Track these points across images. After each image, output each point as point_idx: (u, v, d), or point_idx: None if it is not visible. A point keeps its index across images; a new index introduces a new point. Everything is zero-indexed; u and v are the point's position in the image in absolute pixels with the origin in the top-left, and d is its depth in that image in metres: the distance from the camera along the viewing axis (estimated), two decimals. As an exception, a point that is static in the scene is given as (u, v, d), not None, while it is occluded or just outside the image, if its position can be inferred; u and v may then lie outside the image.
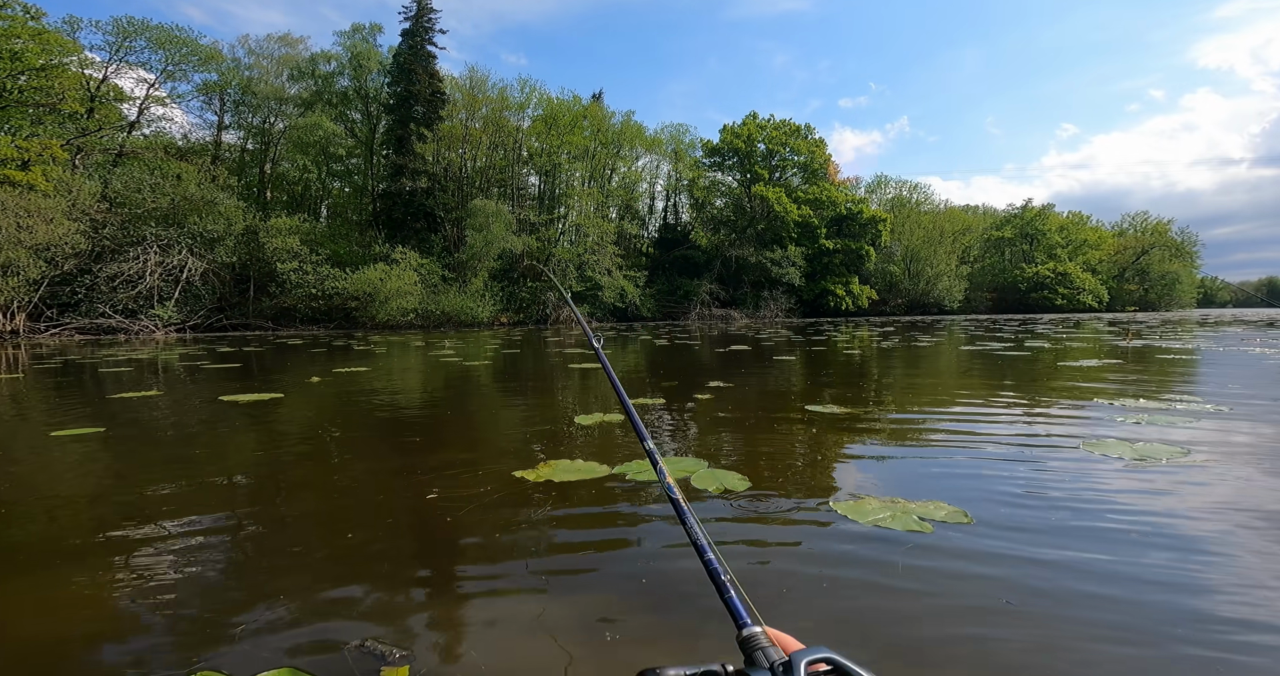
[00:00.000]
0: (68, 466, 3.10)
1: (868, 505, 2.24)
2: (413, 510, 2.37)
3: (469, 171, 37.58)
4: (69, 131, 25.01)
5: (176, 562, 1.90)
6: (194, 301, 25.63)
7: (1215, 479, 2.61)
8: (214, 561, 1.90)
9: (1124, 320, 29.63)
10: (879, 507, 2.21)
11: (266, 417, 4.52)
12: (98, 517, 2.35)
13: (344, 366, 8.63)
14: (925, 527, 2.02)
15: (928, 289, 56.64)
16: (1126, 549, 1.89)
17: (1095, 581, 1.67)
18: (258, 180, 35.38)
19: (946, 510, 2.18)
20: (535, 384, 6.68)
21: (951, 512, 2.15)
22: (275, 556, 1.95)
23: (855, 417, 4.18)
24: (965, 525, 2.06)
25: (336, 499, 2.54)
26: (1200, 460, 2.89)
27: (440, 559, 1.92)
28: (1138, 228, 76.02)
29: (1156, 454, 2.98)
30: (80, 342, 17.46)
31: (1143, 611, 1.52)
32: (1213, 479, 2.61)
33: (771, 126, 48.58)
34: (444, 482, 2.69)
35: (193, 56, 30.84)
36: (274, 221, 28.45)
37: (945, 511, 2.17)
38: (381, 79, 36.18)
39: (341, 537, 2.11)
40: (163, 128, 31.51)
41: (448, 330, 26.32)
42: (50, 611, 1.62)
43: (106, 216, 24.31)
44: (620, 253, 39.17)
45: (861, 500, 2.31)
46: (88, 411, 4.84)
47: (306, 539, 2.09)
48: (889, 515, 2.13)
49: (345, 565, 1.89)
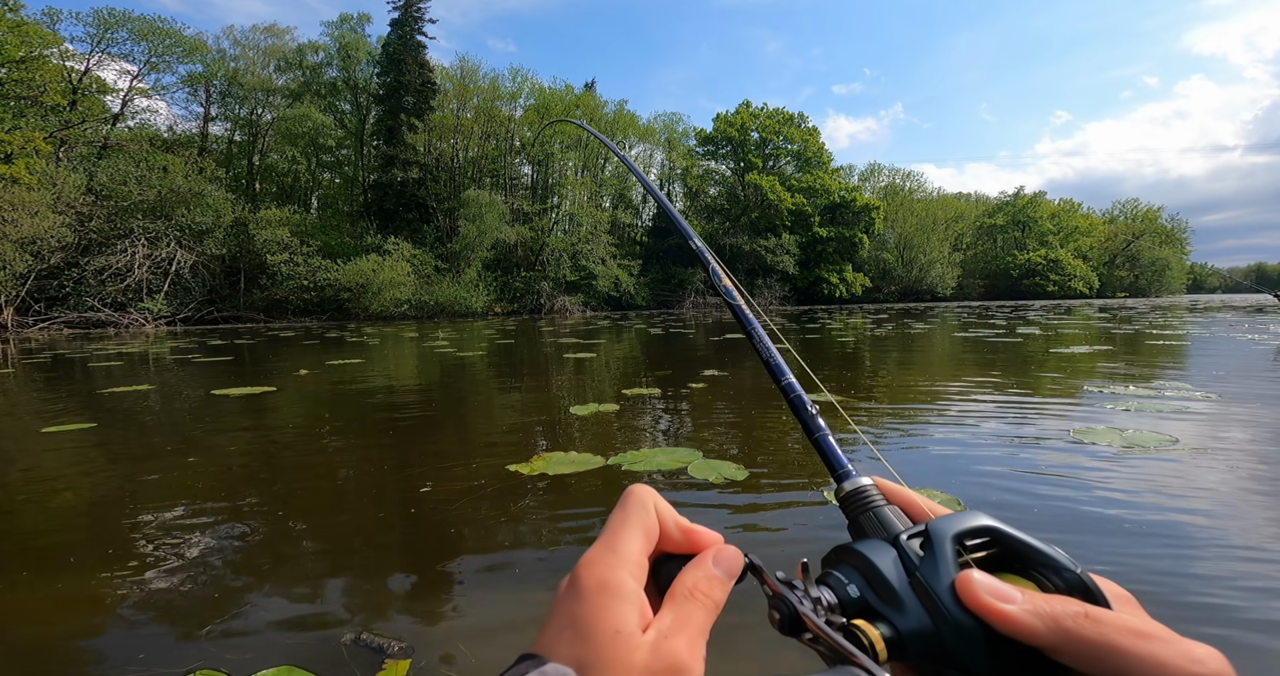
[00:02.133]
0: (60, 463, 3.07)
1: (861, 494, 2.25)
2: (407, 503, 2.37)
3: (461, 162, 37.28)
4: (52, 124, 24.60)
5: (172, 560, 1.89)
6: (184, 294, 25.42)
7: (1204, 466, 2.64)
8: (210, 558, 1.90)
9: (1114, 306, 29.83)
10: (872, 496, 2.22)
11: (259, 412, 4.49)
12: (91, 515, 2.34)
13: (337, 359, 8.58)
14: (918, 515, 2.04)
15: (921, 276, 56.83)
16: (1117, 538, 1.91)
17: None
18: (246, 172, 34.97)
19: (940, 498, 2.20)
20: (530, 374, 6.68)
21: (945, 501, 2.17)
22: (271, 553, 1.94)
23: (849, 406, 4.20)
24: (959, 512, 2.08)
25: (330, 494, 2.54)
26: (1189, 448, 2.92)
27: (435, 553, 1.92)
28: (1128, 214, 76.42)
29: (1145, 441, 3.01)
30: (69, 337, 17.29)
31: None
32: (1202, 466, 2.64)
33: (765, 115, 48.36)
34: (438, 476, 2.69)
35: (176, 48, 30.34)
36: (263, 213, 28.18)
37: (939, 499, 2.18)
38: (371, 69, 35.73)
39: (336, 532, 2.11)
40: (147, 120, 31.06)
41: (441, 321, 26.22)
42: (46, 611, 1.61)
43: (92, 209, 24.01)
44: (614, 242, 39.07)
45: (855, 489, 2.32)
46: (79, 406, 4.80)
47: (301, 534, 2.09)
48: (882, 503, 2.15)
49: (341, 560, 1.89)
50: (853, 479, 0.43)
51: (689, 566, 0.34)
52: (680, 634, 0.30)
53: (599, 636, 0.29)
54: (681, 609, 0.31)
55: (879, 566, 0.34)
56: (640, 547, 0.34)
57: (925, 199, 63.94)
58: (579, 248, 36.30)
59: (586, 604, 0.30)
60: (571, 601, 0.31)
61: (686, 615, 0.31)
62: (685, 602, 0.32)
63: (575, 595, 0.31)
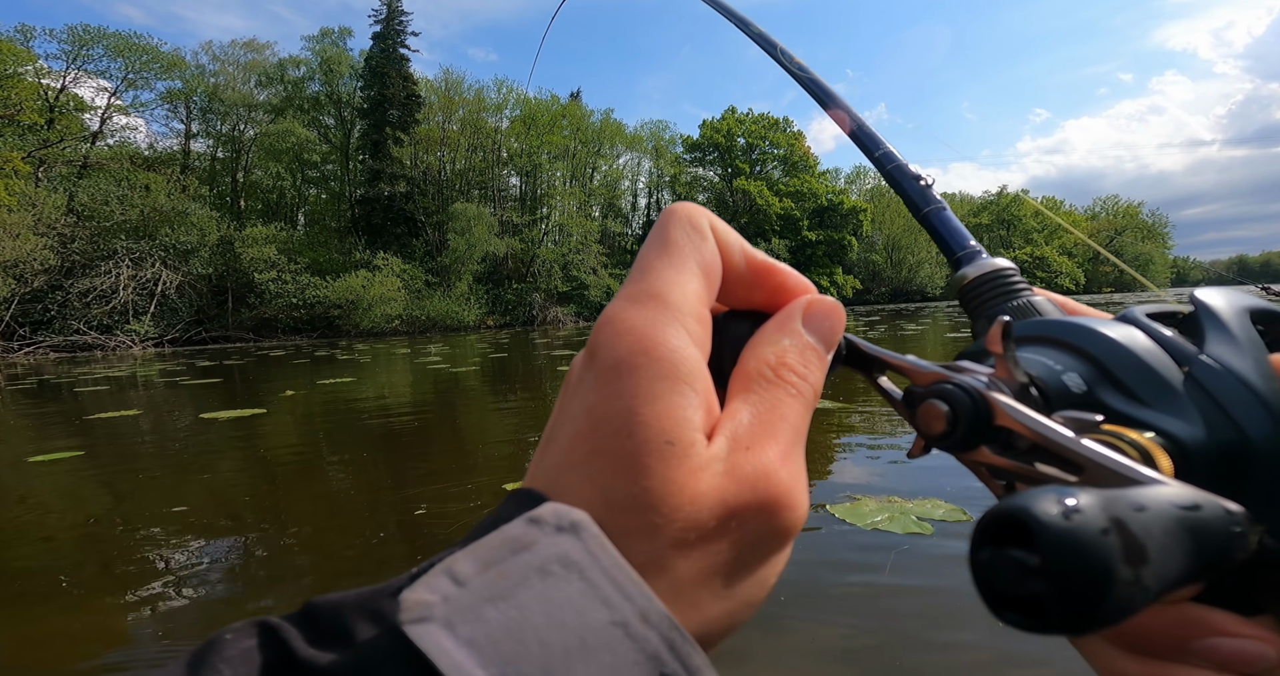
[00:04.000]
0: (46, 494, 2.99)
1: (865, 506, 2.23)
2: (404, 526, 2.32)
3: (448, 174, 37.23)
4: (29, 143, 24.33)
5: (162, 590, 1.83)
6: (171, 315, 25.11)
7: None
8: (201, 588, 1.84)
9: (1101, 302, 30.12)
10: (876, 509, 2.20)
11: (248, 435, 4.42)
12: (79, 544, 2.27)
13: (327, 378, 8.48)
14: (925, 528, 2.02)
15: (910, 277, 57.33)
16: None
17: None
18: (230, 189, 34.72)
19: (944, 508, 2.18)
20: (524, 389, 6.62)
21: (949, 511, 2.15)
22: (263, 579, 1.89)
23: (847, 412, 4.18)
24: (965, 522, 2.06)
25: (322, 518, 2.48)
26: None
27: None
28: (1109, 211, 77.58)
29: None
30: (55, 361, 17.02)
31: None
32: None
33: (750, 120, 48.78)
34: (432, 498, 2.64)
35: (154, 64, 30.11)
36: (249, 231, 27.95)
37: (943, 510, 2.17)
38: (354, 83, 35.66)
39: (329, 557, 2.05)
40: (127, 137, 30.74)
41: (433, 335, 26.07)
42: (38, 641, 1.55)
43: (74, 230, 23.72)
44: (605, 251, 39.07)
45: (859, 501, 2.30)
46: (66, 433, 4.69)
47: (294, 560, 2.04)
48: (886, 516, 2.12)
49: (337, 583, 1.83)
50: (980, 261, 0.33)
51: (767, 330, 0.22)
52: (769, 440, 0.19)
53: (637, 448, 0.17)
54: (765, 399, 0.20)
55: (1131, 347, 0.23)
56: (698, 291, 0.21)
57: (911, 200, 64.63)
58: (570, 258, 36.28)
59: (615, 390, 0.18)
60: (589, 389, 0.19)
61: (773, 409, 0.20)
62: (770, 388, 0.20)
63: (596, 376, 0.19)
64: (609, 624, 0.14)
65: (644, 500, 0.17)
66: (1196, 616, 0.20)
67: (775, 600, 1.62)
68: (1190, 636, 0.20)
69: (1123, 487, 0.15)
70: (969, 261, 0.34)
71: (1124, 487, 0.15)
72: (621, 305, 0.20)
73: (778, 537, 0.18)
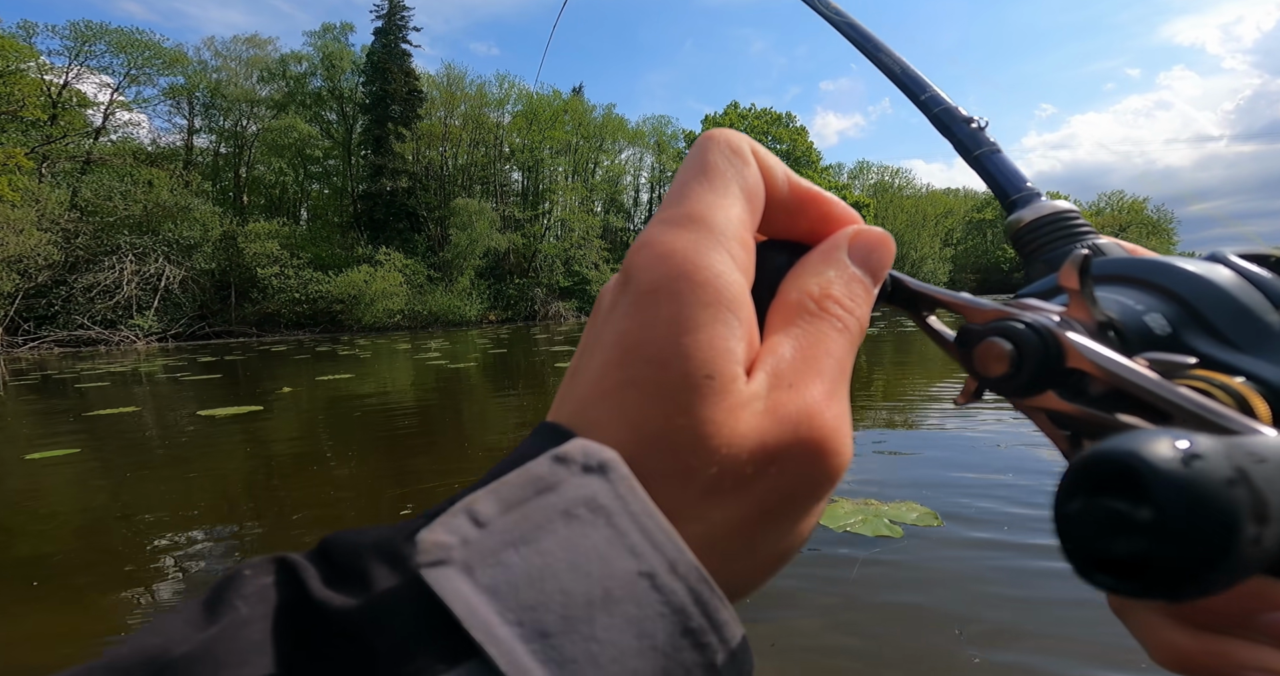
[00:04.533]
0: (45, 489, 3.06)
1: (841, 508, 2.28)
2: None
3: (450, 169, 37.22)
4: (32, 139, 24.43)
5: (160, 586, 1.89)
6: (174, 310, 25.25)
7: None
8: (199, 585, 1.90)
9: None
10: (851, 511, 2.25)
11: (246, 433, 4.48)
12: (78, 540, 2.33)
13: (327, 374, 8.56)
14: (895, 531, 2.06)
15: (913, 272, 56.81)
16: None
17: (1061, 582, 1.72)
18: (233, 184, 34.80)
19: (918, 511, 2.23)
20: (526, 385, 6.68)
21: (923, 515, 2.20)
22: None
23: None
24: (935, 528, 2.10)
25: (321, 519, 2.54)
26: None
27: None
28: (1114, 206, 77.12)
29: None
30: (60, 355, 17.16)
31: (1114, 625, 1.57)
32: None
33: (753, 116, 48.61)
34: (432, 494, 2.69)
35: (156, 60, 30.13)
36: (252, 226, 28.04)
37: (917, 513, 2.21)
38: (356, 78, 35.66)
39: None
40: (130, 133, 30.81)
41: (435, 330, 26.16)
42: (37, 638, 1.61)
43: (78, 226, 23.85)
44: (607, 246, 39.05)
45: (835, 502, 2.34)
46: (65, 430, 4.77)
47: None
48: (860, 519, 2.17)
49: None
50: (1038, 203, 0.31)
51: (811, 259, 0.21)
52: (813, 377, 0.17)
53: (675, 381, 0.15)
54: (809, 332, 0.18)
55: (1225, 286, 0.22)
56: (741, 216, 0.19)
57: (915, 195, 64.42)
58: (572, 253, 36.30)
59: (652, 316, 0.16)
60: (623, 315, 0.17)
61: (817, 343, 0.18)
62: (814, 321, 0.19)
63: (632, 301, 0.17)
64: (635, 574, 0.14)
65: (679, 440, 0.15)
66: (1266, 588, 0.19)
67: (741, 601, 1.67)
68: (1256, 609, 0.19)
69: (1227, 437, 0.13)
70: (1024, 204, 0.32)
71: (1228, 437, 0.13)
72: (660, 228, 0.18)
73: (819, 485, 0.17)
